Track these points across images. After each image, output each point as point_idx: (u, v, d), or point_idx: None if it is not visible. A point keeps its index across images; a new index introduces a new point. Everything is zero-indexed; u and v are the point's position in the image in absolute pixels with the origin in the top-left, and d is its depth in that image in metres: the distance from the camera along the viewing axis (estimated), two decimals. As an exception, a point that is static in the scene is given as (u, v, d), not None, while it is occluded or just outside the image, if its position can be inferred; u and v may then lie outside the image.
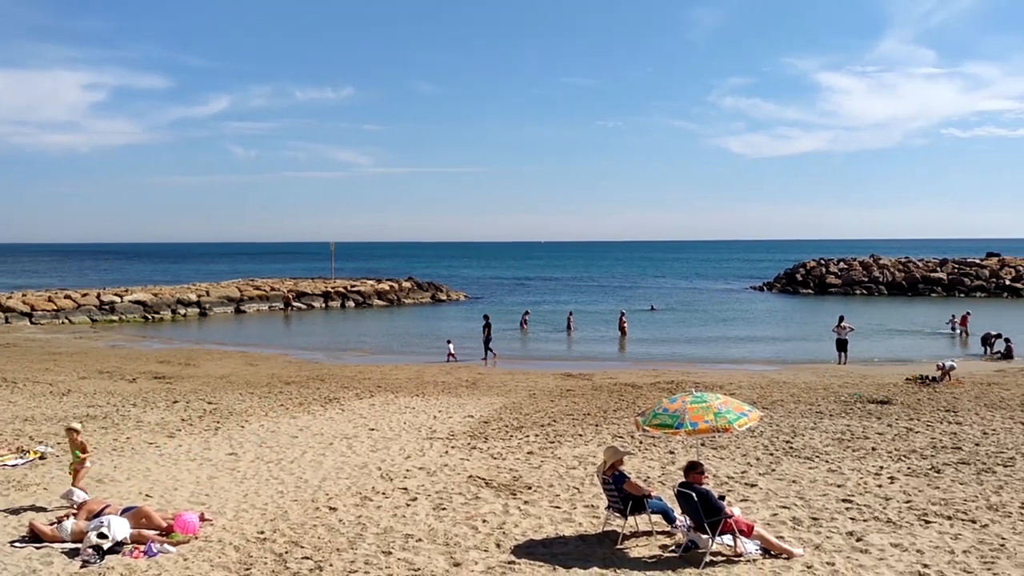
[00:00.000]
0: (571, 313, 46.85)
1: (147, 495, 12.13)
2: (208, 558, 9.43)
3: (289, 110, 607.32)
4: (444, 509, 11.37)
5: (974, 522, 10.51)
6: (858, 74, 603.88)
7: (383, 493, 12.25)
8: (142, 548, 9.59)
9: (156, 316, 51.45)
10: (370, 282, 67.26)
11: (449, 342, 33.70)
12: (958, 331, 40.16)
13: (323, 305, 60.11)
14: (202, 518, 10.62)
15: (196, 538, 10.06)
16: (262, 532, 10.38)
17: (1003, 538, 9.86)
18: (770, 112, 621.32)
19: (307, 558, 9.42)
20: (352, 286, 64.31)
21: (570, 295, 74.49)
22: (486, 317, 34.56)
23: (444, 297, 67.12)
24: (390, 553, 9.58)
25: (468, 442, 15.96)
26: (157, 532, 9.97)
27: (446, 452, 15.10)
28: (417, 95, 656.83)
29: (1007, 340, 32.74)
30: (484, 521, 10.80)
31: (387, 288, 65.12)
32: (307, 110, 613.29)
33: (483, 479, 13.01)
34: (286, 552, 9.62)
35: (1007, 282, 65.63)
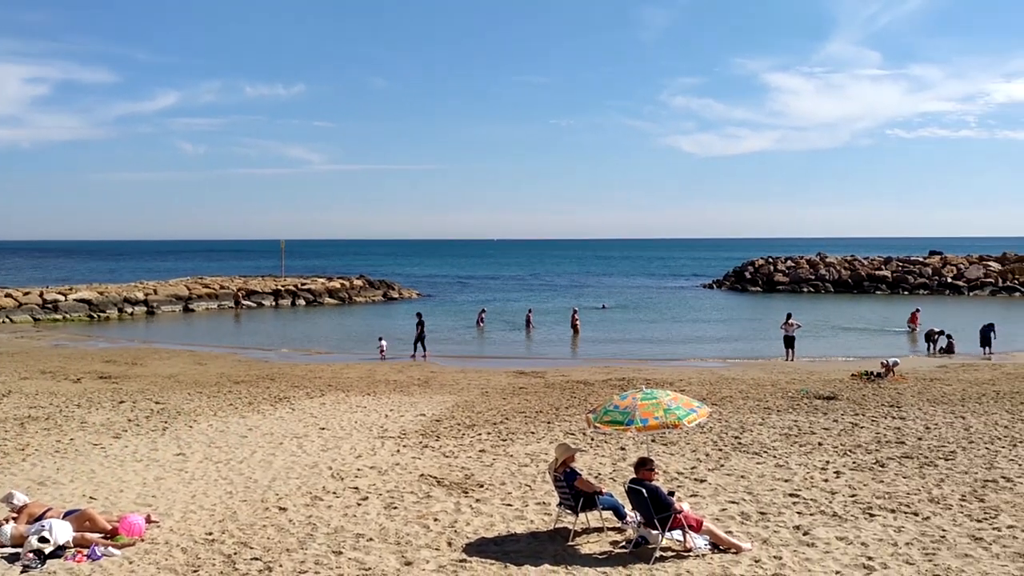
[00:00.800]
0: (530, 311, 46.90)
1: (91, 497, 11.90)
2: (154, 560, 9.28)
3: (239, 106, 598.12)
4: (395, 508, 11.32)
5: (916, 515, 10.74)
6: (806, 75, 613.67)
7: (334, 493, 12.17)
8: (85, 552, 9.40)
9: (102, 315, 50.48)
10: (321, 280, 66.66)
11: (381, 339, 33.67)
12: (909, 328, 40.97)
13: (273, 303, 59.47)
14: (148, 520, 10.45)
15: (142, 540, 9.89)
16: (210, 533, 10.25)
17: (944, 530, 10.10)
18: (720, 112, 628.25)
19: (256, 559, 9.32)
20: (303, 284, 63.72)
21: (522, 293, 74.67)
22: (419, 315, 34.83)
23: (396, 295, 66.78)
24: (341, 553, 9.52)
25: (420, 441, 15.91)
26: (101, 535, 9.78)
27: (398, 451, 15.04)
28: (369, 92, 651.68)
29: (949, 336, 33.50)
30: (436, 520, 10.78)
31: (338, 286, 64.61)
32: (257, 106, 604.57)
33: (435, 478, 12.98)
34: (235, 553, 9.50)
35: (949, 280, 67.21)
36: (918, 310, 42.01)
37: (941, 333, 33.94)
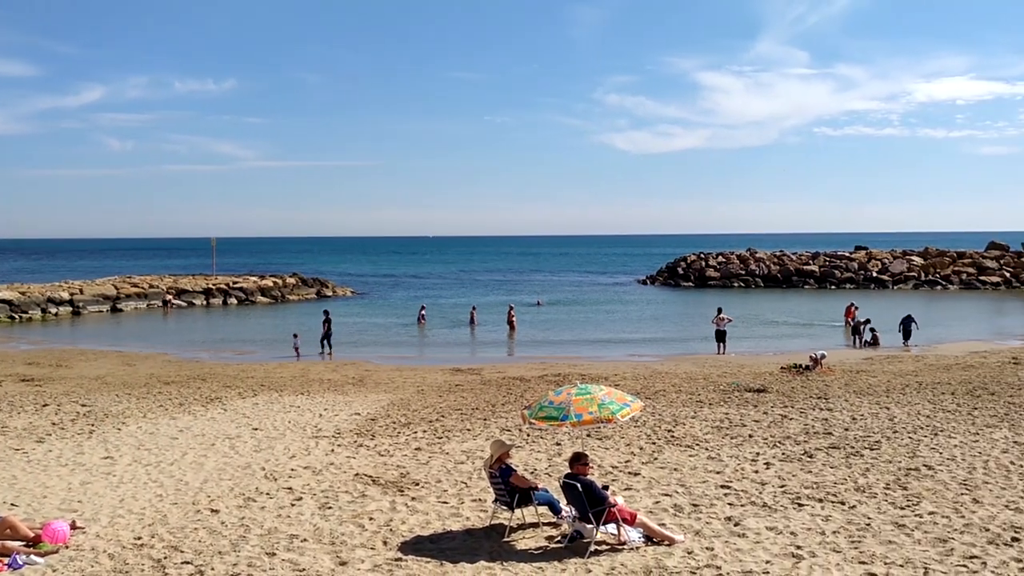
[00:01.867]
0: (474, 308, 46.88)
1: (12, 504, 11.53)
2: (79, 568, 9.04)
3: (168, 102, 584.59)
4: (330, 508, 11.22)
5: (843, 504, 11.02)
6: (736, 73, 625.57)
7: (267, 493, 12.00)
8: (6, 561, 9.11)
9: (24, 316, 48.90)
10: (253, 278, 65.63)
11: (296, 336, 33.39)
12: (847, 323, 41.70)
13: (204, 302, 58.38)
14: (73, 526, 10.18)
15: (67, 547, 9.63)
16: (139, 538, 10.02)
17: (869, 518, 10.38)
18: (652, 110, 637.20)
19: (187, 563, 9.15)
20: (234, 283, 62.65)
21: (455, 290, 74.69)
22: (326, 312, 34.85)
23: (329, 293, 66.12)
24: (274, 554, 9.39)
25: (355, 440, 15.79)
26: (23, 543, 9.49)
27: (332, 450, 14.91)
28: (302, 88, 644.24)
29: (873, 329, 34.38)
30: (371, 519, 10.71)
31: (271, 284, 63.68)
32: (187, 102, 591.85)
33: (370, 477, 12.89)
34: (165, 557, 9.31)
35: (874, 274, 69.10)
36: (852, 304, 42.76)
37: (867, 322, 34.79)
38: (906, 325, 33.96)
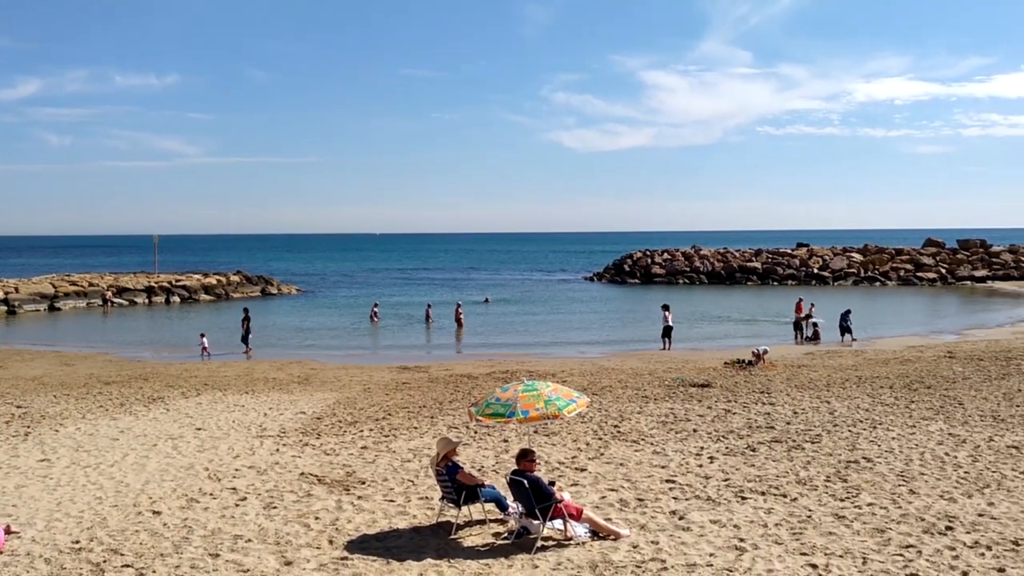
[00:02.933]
0: (429, 305, 46.74)
1: (-54, 509, 11.22)
2: (15, 573, 8.82)
3: (109, 96, 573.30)
4: (275, 508, 11.10)
5: (785, 496, 11.22)
6: (681, 73, 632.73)
7: (210, 494, 11.83)
8: (-60, 566, 8.87)
9: (-44, 315, 47.57)
10: (196, 276, 64.59)
11: (203, 335, 32.99)
12: (793, 317, 42.16)
13: (146, 301, 57.31)
14: (8, 531, 9.92)
15: (1, 553, 9.39)
16: (77, 541, 9.81)
17: (810, 510, 10.58)
18: (600, 108, 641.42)
19: (128, 566, 8.98)
20: (177, 280, 61.58)
21: (401, 287, 74.46)
22: (246, 310, 34.66)
23: (274, 291, 65.40)
24: (218, 555, 9.27)
25: (300, 439, 15.64)
26: (-43, 548, 9.25)
27: (277, 450, 14.75)
28: (247, 83, 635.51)
29: (815, 324, 34.99)
30: (316, 518, 10.62)
31: (214, 282, 62.73)
32: (129, 96, 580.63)
33: (315, 476, 12.79)
34: (104, 561, 9.13)
35: (815, 270, 70.41)
36: (801, 299, 43.12)
37: (808, 317, 35.37)
38: (841, 323, 34.63)
